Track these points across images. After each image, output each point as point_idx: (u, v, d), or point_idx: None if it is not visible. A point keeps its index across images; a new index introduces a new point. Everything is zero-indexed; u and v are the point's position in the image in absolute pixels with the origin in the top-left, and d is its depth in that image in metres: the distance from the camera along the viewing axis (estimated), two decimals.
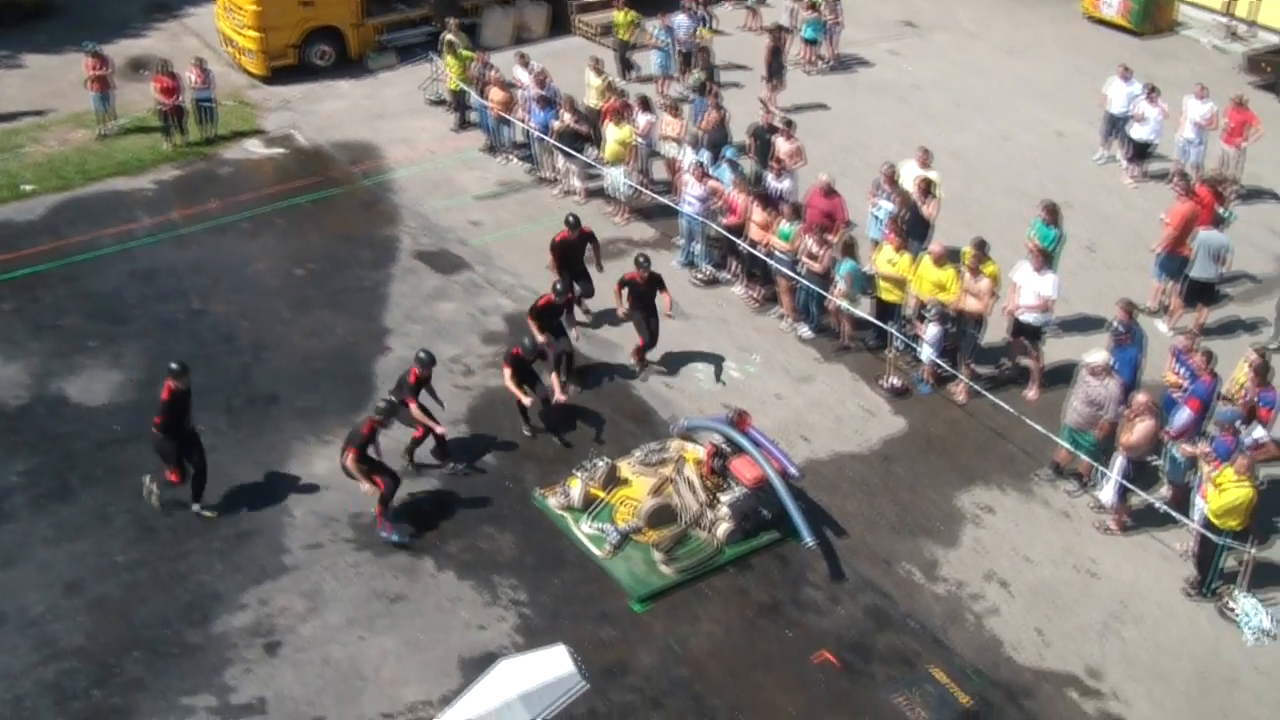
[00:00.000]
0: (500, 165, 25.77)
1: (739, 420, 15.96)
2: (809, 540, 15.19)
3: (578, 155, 23.83)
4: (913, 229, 20.20)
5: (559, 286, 18.33)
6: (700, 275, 21.86)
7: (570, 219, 20.22)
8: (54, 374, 18.75)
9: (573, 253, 20.14)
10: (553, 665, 7.13)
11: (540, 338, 17.80)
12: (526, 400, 17.20)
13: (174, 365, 15.74)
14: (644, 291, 18.81)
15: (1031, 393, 18.83)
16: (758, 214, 20.36)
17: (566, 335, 18.62)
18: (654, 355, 19.23)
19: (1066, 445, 16.77)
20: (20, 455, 17.01)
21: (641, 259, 18.78)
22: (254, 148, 26.39)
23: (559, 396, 17.63)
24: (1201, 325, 19.63)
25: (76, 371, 18.81)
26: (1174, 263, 20.28)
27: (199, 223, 23.09)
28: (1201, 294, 20.12)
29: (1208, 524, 14.87)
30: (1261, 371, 15.98)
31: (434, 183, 25.03)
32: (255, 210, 23.58)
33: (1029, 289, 18.31)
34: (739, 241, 20.83)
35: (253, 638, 14.19)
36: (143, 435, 16.35)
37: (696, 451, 16.31)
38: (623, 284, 18.81)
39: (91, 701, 13.48)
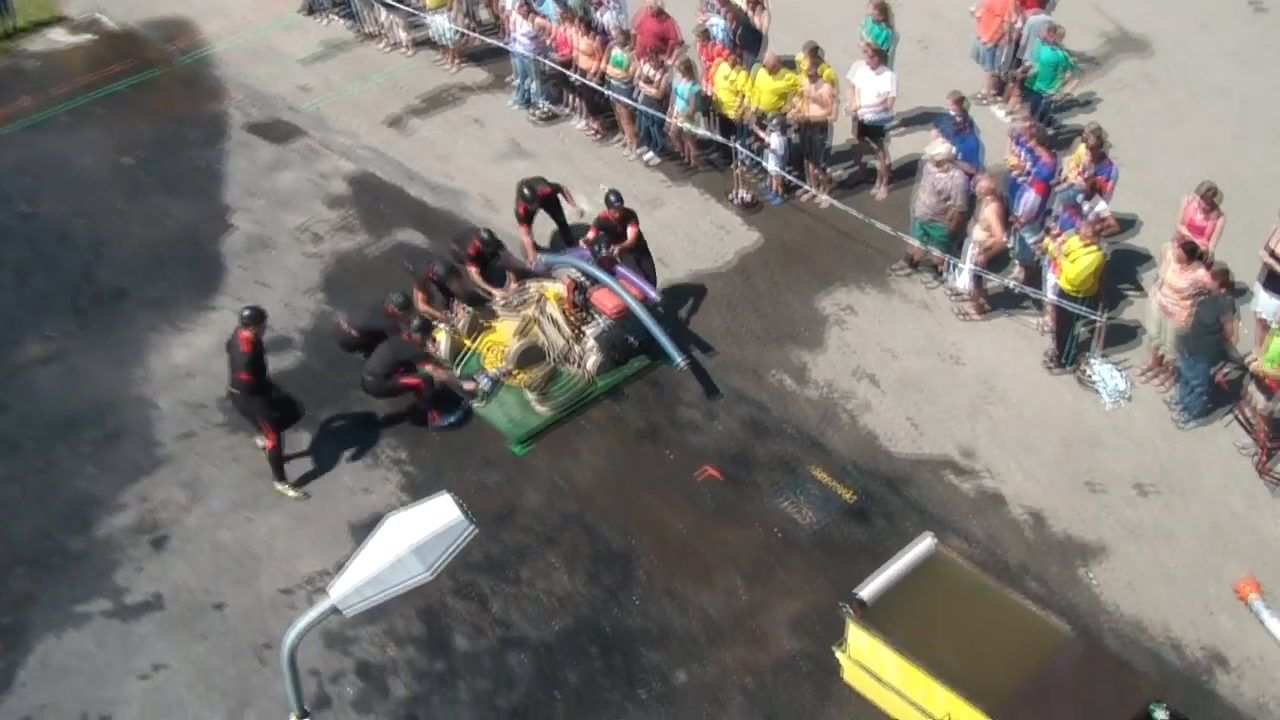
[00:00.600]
0: (322, 26, 24.95)
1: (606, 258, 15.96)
2: (679, 361, 15.39)
3: (400, 5, 23.20)
4: (745, 42, 20.12)
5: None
6: (539, 113, 21.62)
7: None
8: None
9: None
10: (439, 514, 7.13)
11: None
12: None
13: (245, 311, 14.07)
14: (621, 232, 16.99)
15: (880, 192, 19.11)
16: (584, 44, 20.10)
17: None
18: (495, 196, 19.04)
19: (917, 240, 17.09)
20: None
21: (612, 197, 16.92)
22: (59, 37, 25.12)
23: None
24: (1066, 95, 19.93)
25: None
26: (999, 51, 20.45)
27: (12, 123, 22.10)
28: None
29: (1061, 296, 15.34)
30: (1097, 145, 16.34)
31: (255, 52, 24.17)
32: (71, 103, 22.56)
33: (868, 89, 18.43)
34: (572, 75, 20.60)
35: (138, 535, 14.05)
36: None
37: (557, 288, 16.32)
38: (598, 226, 16.91)
39: None
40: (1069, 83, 19.25)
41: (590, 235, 16.67)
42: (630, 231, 16.63)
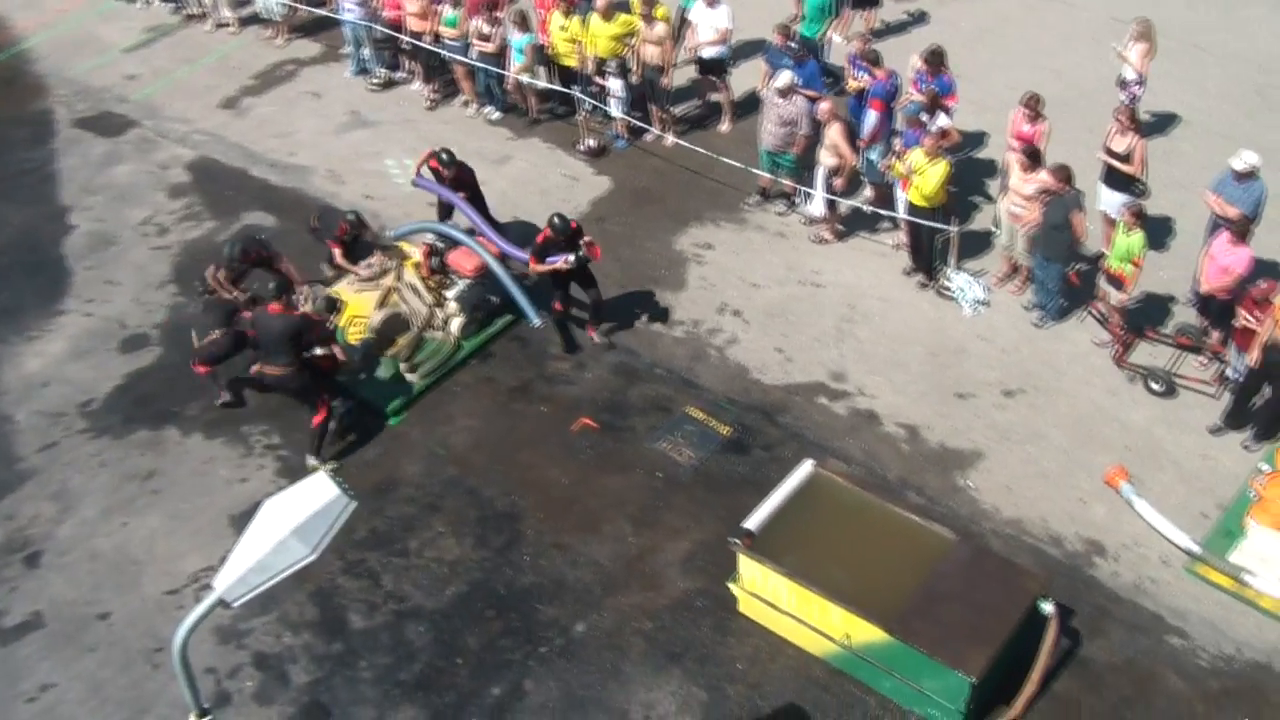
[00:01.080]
0: (141, 10, 24.27)
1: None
2: (534, 320, 15.40)
3: None
4: None
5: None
6: (375, 80, 21.30)
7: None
8: None
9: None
10: (317, 493, 7.05)
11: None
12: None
13: (270, 284, 13.85)
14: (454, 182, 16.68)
15: (725, 126, 19.21)
16: (412, 4, 19.81)
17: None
18: (340, 168, 18.76)
19: (767, 171, 17.22)
20: None
21: (444, 155, 16.47)
22: None
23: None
24: (871, 29, 20.19)
25: None
26: None
27: None
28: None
29: (913, 212, 15.58)
30: (934, 60, 16.54)
31: (75, 43, 23.43)
32: None
33: (705, 25, 18.47)
34: (404, 38, 20.30)
35: (8, 555, 13.62)
36: None
37: (414, 256, 16.16)
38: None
39: None
40: (831, 26, 19.34)
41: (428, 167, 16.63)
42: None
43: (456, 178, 16.27)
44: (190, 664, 7.39)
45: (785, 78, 16.45)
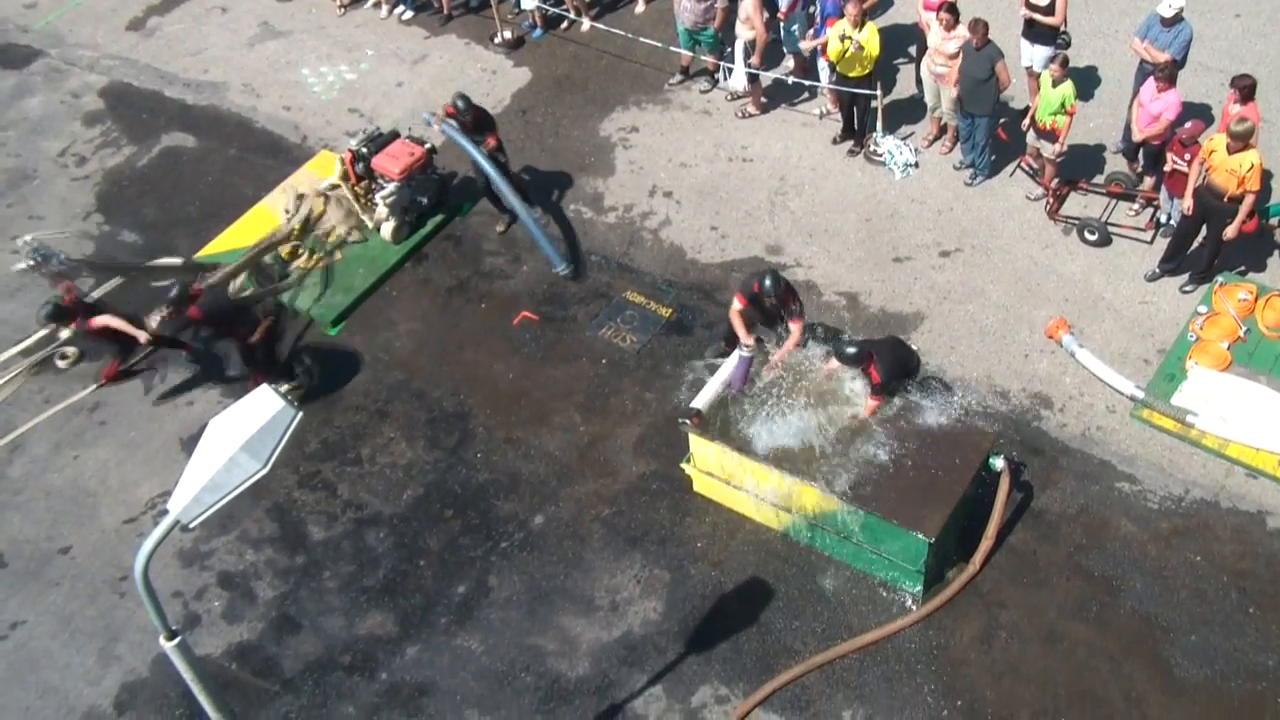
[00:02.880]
0: None
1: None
2: (560, 267, 14.93)
3: None
4: None
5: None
6: None
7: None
8: None
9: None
10: (261, 407, 7.05)
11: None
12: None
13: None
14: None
15: (640, 5, 18.99)
16: None
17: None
18: (257, 81, 18.50)
19: (686, 49, 17.09)
20: None
21: (460, 102, 15.23)
22: None
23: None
24: None
25: None
26: None
27: None
28: None
29: (841, 82, 15.52)
30: None
31: None
32: None
33: None
34: None
35: None
36: None
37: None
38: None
39: None
40: None
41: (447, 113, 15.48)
42: (490, 141, 15.34)
43: (476, 121, 15.50)
44: (154, 588, 7.42)
45: None
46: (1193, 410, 12.50)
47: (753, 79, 16.59)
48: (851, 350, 11.38)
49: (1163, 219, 14.30)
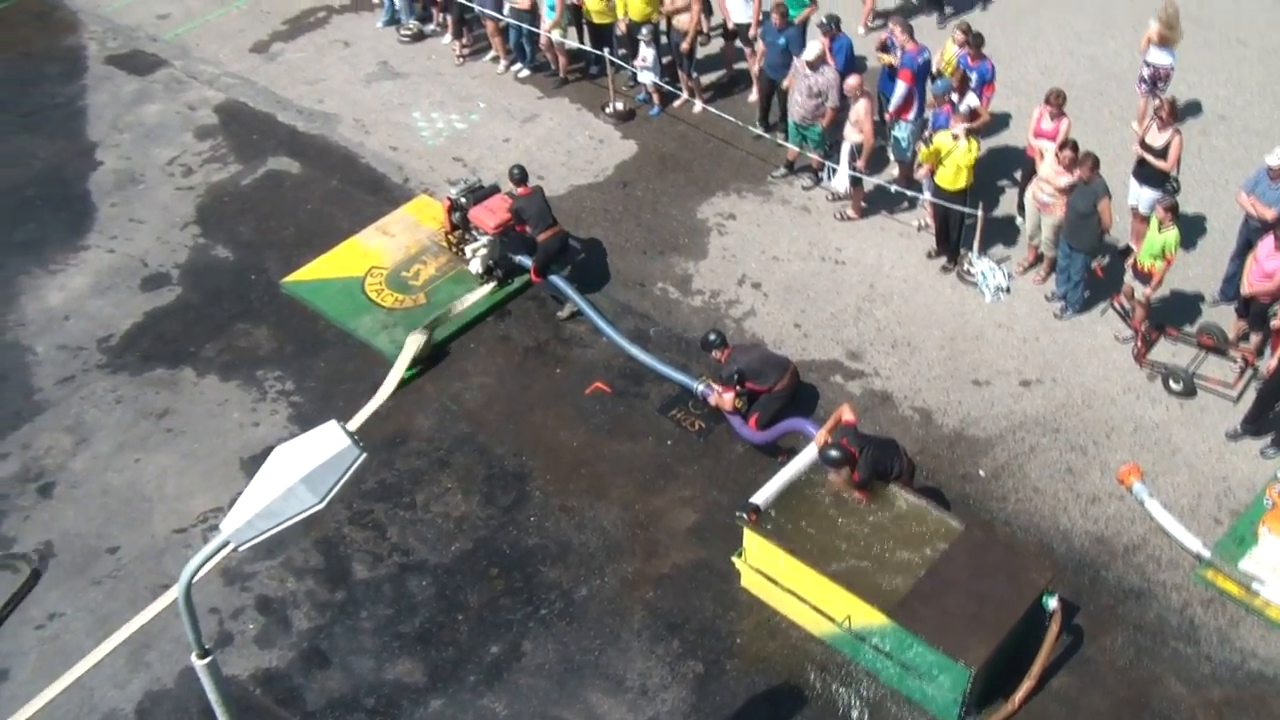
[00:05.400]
0: None
1: None
2: (696, 388, 14.26)
3: None
4: None
5: None
6: (406, 31, 21.24)
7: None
8: None
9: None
10: (328, 442, 7.06)
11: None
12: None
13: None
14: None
15: (753, 95, 19.09)
16: None
17: None
18: (369, 118, 18.77)
19: (794, 143, 17.15)
20: None
21: (516, 172, 15.60)
22: None
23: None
24: (872, 10, 20.10)
25: None
26: None
27: None
28: None
29: (938, 194, 15.50)
30: (975, 43, 16.37)
31: None
32: None
33: None
34: None
35: (23, 484, 13.75)
36: None
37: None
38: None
39: None
40: (809, 9, 18.50)
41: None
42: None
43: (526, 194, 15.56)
44: (194, 604, 7.42)
45: (815, 49, 16.33)
46: (1260, 578, 12.17)
47: (855, 182, 16.60)
48: (833, 454, 11.76)
49: (1258, 377, 14.01)
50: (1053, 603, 11.14)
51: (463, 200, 15.78)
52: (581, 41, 19.42)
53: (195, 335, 15.50)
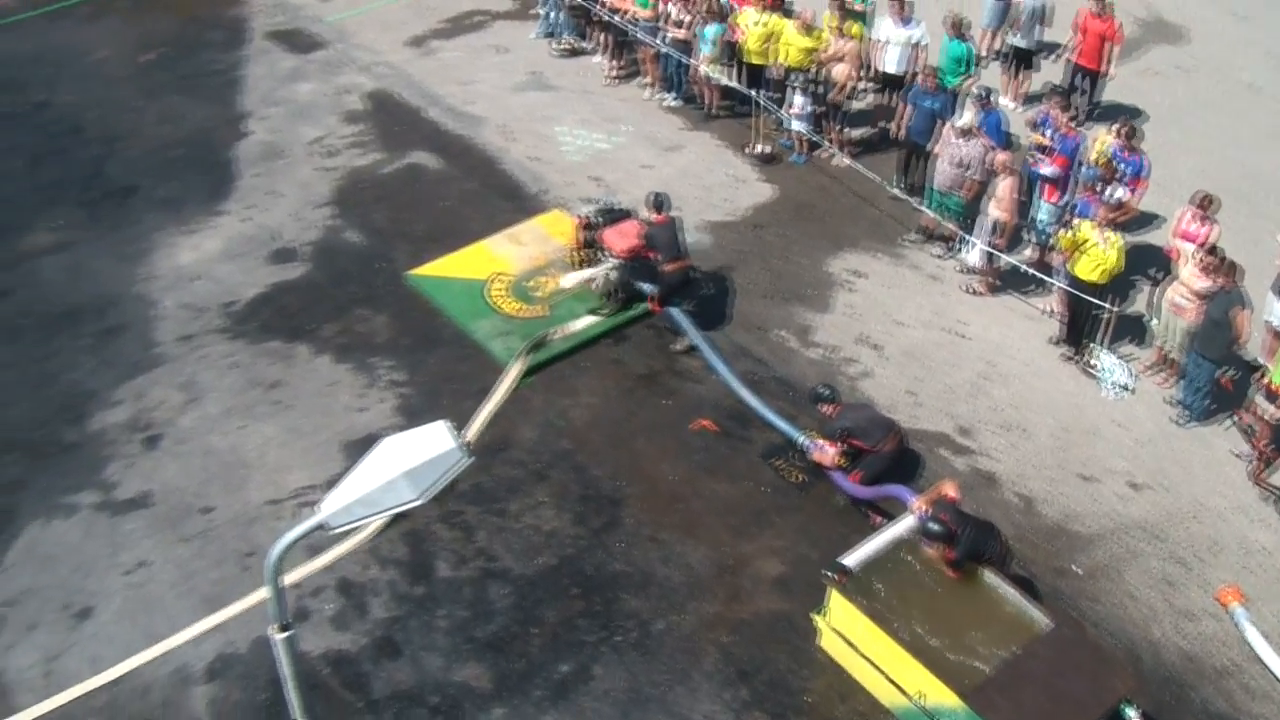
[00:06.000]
0: None
1: None
2: (800, 439, 14.19)
3: None
4: None
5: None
6: (561, 46, 21.45)
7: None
8: None
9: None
10: (435, 441, 7.12)
11: None
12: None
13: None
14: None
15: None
16: None
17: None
18: (514, 125, 18.94)
19: (933, 210, 17.00)
20: None
21: (652, 197, 15.85)
22: None
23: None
24: (1025, 94, 19.91)
25: None
26: None
27: (30, 9, 21.85)
28: (1021, 60, 20.30)
29: (1072, 284, 15.28)
30: (1131, 136, 16.18)
31: None
32: None
33: (895, 43, 18.34)
34: (596, 9, 20.38)
35: (131, 433, 14.07)
36: None
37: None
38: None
39: None
40: (968, 80, 18.64)
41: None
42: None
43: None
44: (281, 577, 7.49)
45: (968, 119, 16.23)
46: None
47: (989, 258, 16.43)
48: (934, 527, 11.72)
49: None
50: (1133, 714, 10.88)
51: (597, 220, 15.85)
52: (736, 79, 19.43)
53: (315, 314, 15.74)
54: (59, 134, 18.81)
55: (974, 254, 16.68)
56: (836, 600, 11.76)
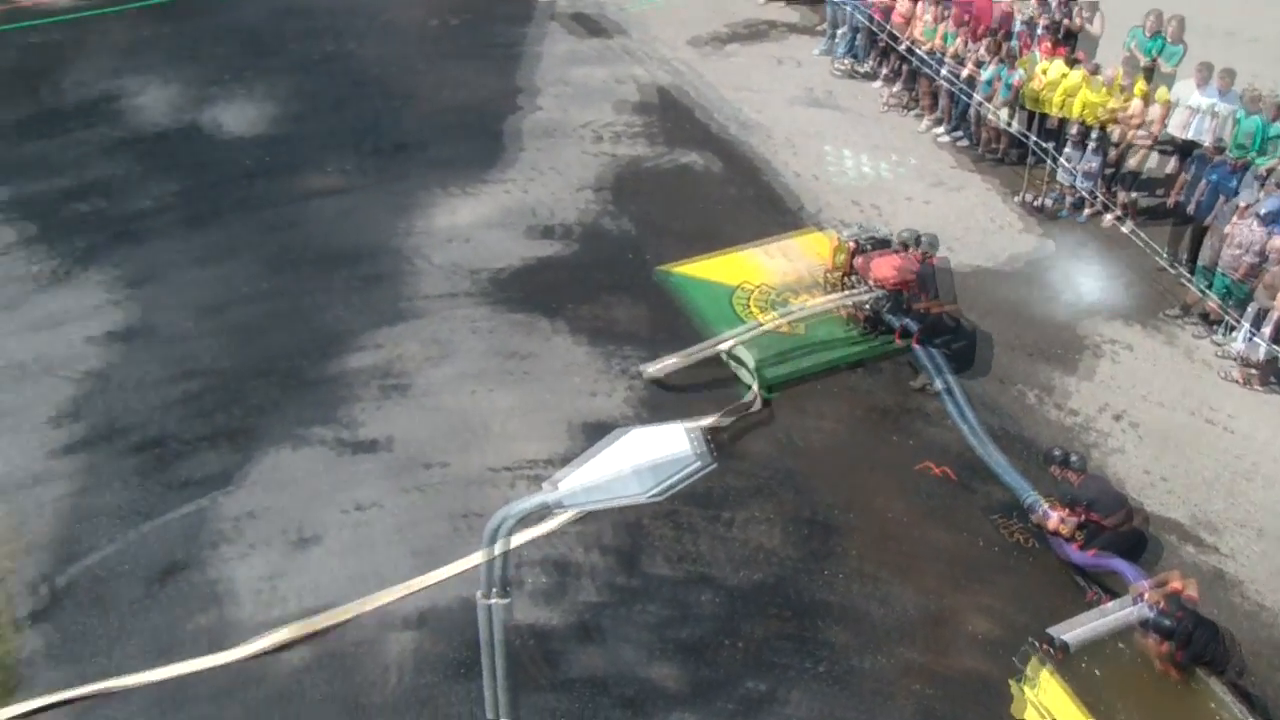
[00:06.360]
0: None
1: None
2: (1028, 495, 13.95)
3: None
4: (1063, 36, 19.36)
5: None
6: (841, 66, 21.33)
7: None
8: (203, 101, 18.87)
9: None
10: (677, 442, 7.15)
11: None
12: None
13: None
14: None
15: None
16: (903, 4, 19.68)
17: None
18: (786, 139, 18.88)
19: (1199, 286, 16.29)
20: (172, 177, 17.30)
21: (906, 234, 15.89)
22: None
23: None
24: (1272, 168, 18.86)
25: (216, 101, 18.91)
26: None
27: None
28: None
29: None
30: None
31: None
32: None
33: (1202, 113, 17.57)
34: (882, 35, 20.18)
35: (380, 379, 14.54)
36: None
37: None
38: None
39: (215, 421, 14.01)
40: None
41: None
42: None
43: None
44: (500, 545, 7.62)
45: (1270, 205, 15.47)
46: None
47: (1252, 349, 15.63)
48: (1167, 623, 11.23)
49: None
50: None
51: (866, 245, 15.67)
52: (1028, 127, 18.93)
53: (567, 293, 16.00)
54: (344, 86, 19.53)
55: (1250, 346, 15.81)
56: (1045, 676, 11.40)
